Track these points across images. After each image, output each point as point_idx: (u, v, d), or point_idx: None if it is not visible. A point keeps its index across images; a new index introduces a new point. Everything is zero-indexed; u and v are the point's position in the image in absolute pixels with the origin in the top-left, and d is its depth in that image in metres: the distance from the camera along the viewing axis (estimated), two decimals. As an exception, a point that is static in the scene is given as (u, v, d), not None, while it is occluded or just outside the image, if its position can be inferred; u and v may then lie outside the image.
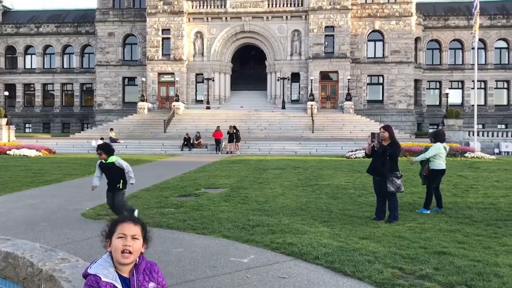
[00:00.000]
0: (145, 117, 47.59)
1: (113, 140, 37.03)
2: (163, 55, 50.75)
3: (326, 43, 48.98)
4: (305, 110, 47.00)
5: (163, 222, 8.89)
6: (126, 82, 54.42)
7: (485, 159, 27.14)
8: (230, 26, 50.47)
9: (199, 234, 8.04)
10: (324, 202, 11.49)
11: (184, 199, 11.99)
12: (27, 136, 44.91)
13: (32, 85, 57.85)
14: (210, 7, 50.39)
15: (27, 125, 57.25)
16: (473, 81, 40.46)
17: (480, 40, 47.22)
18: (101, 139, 35.90)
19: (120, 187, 8.86)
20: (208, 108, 49.05)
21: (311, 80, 48.02)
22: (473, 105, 39.23)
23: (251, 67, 55.09)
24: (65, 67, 57.41)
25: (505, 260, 6.36)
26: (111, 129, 39.86)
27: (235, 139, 34.45)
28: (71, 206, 11.15)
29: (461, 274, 5.77)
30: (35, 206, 11.14)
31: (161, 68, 50.82)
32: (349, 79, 48.11)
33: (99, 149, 9.00)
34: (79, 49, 56.75)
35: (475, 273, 5.79)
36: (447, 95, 42.97)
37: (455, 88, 52.11)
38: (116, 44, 53.56)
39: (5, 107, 45.72)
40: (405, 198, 11.53)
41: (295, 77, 50.20)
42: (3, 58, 58.19)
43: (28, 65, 58.03)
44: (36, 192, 13.42)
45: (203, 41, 51.01)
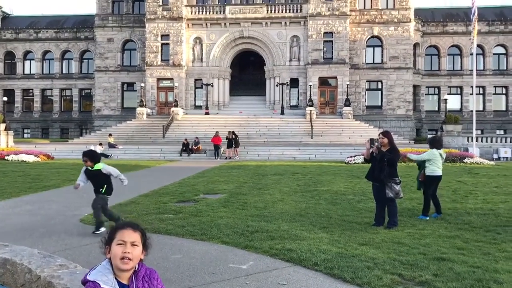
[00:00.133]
0: (144, 122, 47.59)
1: (111, 146, 37.04)
2: (162, 60, 50.83)
3: (325, 49, 49.10)
4: (304, 115, 47.04)
5: (162, 228, 8.87)
6: (125, 87, 54.45)
7: (484, 164, 27.15)
8: (229, 32, 50.60)
9: (198, 240, 8.01)
10: (323, 208, 11.47)
11: (182, 205, 11.97)
12: (25, 141, 44.86)
13: (31, 90, 57.88)
14: (209, 13, 50.55)
15: (25, 131, 57.22)
16: (471, 86, 40.54)
17: (479, 46, 47.31)
18: (100, 144, 35.93)
19: (103, 191, 8.83)
20: (207, 113, 49.07)
21: (310, 85, 48.10)
22: (471, 111, 39.26)
23: (250, 72, 55.13)
24: (64, 72, 57.46)
25: (504, 267, 6.35)
26: (110, 135, 39.84)
27: (234, 145, 34.47)
28: (69, 212, 11.12)
29: (460, 280, 5.76)
30: (33, 212, 11.11)
31: (160, 73, 50.87)
32: (348, 84, 48.20)
33: (84, 156, 8.91)
34: (78, 54, 56.83)
35: (475, 279, 5.78)
36: (445, 100, 43.01)
37: (453, 94, 52.22)
38: (115, 50, 53.66)
39: (3, 112, 45.73)
40: (404, 204, 11.52)
41: (294, 82, 50.29)
42: (2, 63, 58.26)
43: (27, 70, 58.10)
44: (35, 198, 13.38)
45: (202, 46, 51.12)
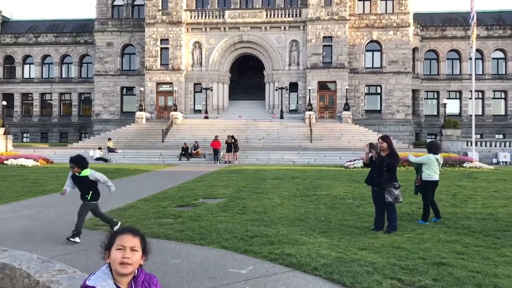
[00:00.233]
0: (143, 126, 47.58)
1: (111, 150, 37.01)
2: (161, 65, 50.87)
3: (324, 53, 49.17)
4: (303, 119, 47.05)
5: (161, 233, 8.86)
6: (124, 91, 54.45)
7: (483, 169, 27.16)
8: (229, 36, 50.68)
9: (197, 245, 8.00)
10: (322, 212, 11.46)
11: (182, 209, 11.95)
12: (24, 145, 44.83)
13: (30, 94, 57.90)
14: (209, 18, 50.63)
15: (24, 135, 57.20)
16: (470, 91, 40.54)
17: (477, 50, 47.37)
18: (99, 148, 35.93)
19: (89, 198, 8.72)
20: (206, 117, 49.07)
21: (309, 90, 48.15)
22: (471, 115, 39.27)
23: (249, 77, 55.17)
24: (63, 76, 57.48)
25: (504, 271, 6.34)
26: (109, 139, 39.81)
27: (233, 149, 34.45)
28: (68, 216, 11.06)
29: (460, 285, 5.75)
30: (32, 217, 11.09)
31: (159, 77, 50.91)
32: (347, 89, 48.24)
33: (71, 162, 8.69)
34: (78, 58, 56.87)
35: (474, 284, 5.77)
36: (445, 105, 43.08)
37: (453, 98, 52.30)
38: (115, 54, 53.71)
39: (2, 116, 45.71)
40: (403, 209, 11.51)
41: (293, 87, 50.33)
42: (2, 67, 58.28)
43: (27, 74, 58.13)
44: (34, 202, 13.35)
45: (201, 51, 51.19)
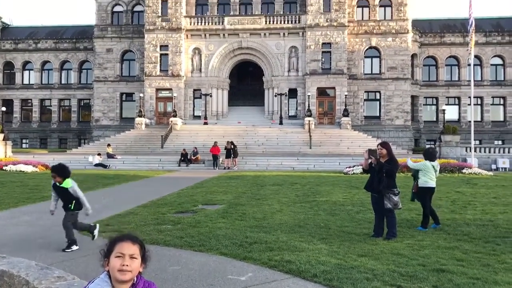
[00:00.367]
0: (142, 132, 47.58)
1: (110, 156, 37.00)
2: (161, 71, 50.95)
3: (323, 60, 49.27)
4: (302, 125, 47.09)
5: (160, 239, 8.84)
6: (123, 97, 54.50)
7: (482, 175, 27.12)
8: (228, 43, 50.80)
9: (196, 251, 7.97)
10: (322, 218, 11.44)
11: (181, 215, 11.93)
12: (24, 151, 44.79)
13: (30, 100, 57.94)
14: (208, 24, 50.78)
15: (24, 141, 57.15)
16: (469, 97, 40.59)
17: (476, 56, 47.52)
18: (98, 154, 35.91)
19: (72, 208, 8.50)
20: (205, 123, 49.08)
21: (309, 96, 48.22)
22: (470, 121, 39.27)
23: (248, 83, 55.24)
24: (63, 82, 57.54)
25: (504, 278, 6.33)
26: (109, 145, 39.81)
27: (232, 155, 34.44)
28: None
29: (460, 292, 5.73)
30: (31, 223, 11.06)
31: (159, 84, 50.98)
32: (346, 95, 48.31)
33: (53, 171, 8.43)
34: (77, 65, 56.94)
35: (475, 291, 5.75)
36: (444, 111, 43.12)
37: (451, 104, 52.40)
38: (114, 60, 53.81)
39: (2, 122, 45.77)
40: (403, 215, 11.49)
41: (292, 93, 50.41)
42: (1, 73, 58.33)
43: (26, 80, 58.18)
44: (33, 209, 13.32)
45: (201, 57, 51.30)
